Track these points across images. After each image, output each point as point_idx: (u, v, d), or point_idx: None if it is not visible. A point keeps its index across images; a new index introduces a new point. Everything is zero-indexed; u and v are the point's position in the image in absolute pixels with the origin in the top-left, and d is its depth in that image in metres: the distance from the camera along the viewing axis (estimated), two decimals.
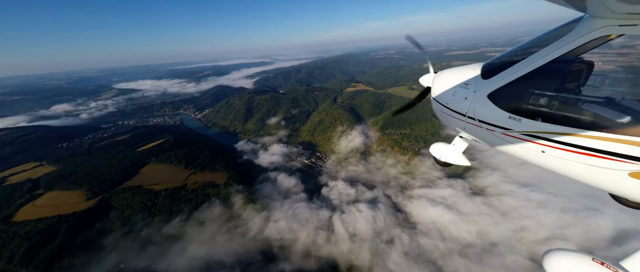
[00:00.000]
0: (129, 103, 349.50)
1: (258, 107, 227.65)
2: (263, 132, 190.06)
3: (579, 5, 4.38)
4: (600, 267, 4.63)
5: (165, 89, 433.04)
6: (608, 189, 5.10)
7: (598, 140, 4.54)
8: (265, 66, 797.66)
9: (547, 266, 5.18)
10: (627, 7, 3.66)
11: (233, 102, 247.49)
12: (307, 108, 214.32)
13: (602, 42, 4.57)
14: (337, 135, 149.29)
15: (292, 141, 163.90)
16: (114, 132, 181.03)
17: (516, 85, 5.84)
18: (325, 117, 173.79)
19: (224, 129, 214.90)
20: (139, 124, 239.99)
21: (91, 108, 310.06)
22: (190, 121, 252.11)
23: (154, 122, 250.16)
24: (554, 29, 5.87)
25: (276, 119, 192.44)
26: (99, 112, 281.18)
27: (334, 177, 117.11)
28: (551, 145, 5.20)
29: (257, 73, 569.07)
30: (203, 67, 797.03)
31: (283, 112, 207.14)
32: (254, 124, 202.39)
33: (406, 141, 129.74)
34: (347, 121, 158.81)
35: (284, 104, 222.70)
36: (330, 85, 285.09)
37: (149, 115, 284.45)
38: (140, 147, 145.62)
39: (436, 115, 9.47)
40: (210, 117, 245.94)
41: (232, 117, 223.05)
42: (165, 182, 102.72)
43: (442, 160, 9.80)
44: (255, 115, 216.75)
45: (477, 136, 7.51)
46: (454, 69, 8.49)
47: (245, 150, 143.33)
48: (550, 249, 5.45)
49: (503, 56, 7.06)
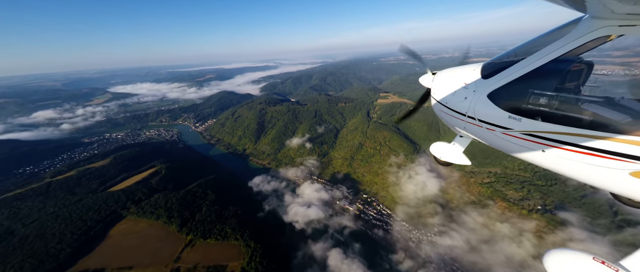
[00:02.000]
0: (121, 110, 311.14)
1: (272, 121, 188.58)
2: (282, 155, 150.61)
3: (579, 5, 4.31)
4: (601, 266, 4.60)
5: (163, 94, 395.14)
6: (609, 189, 5.02)
7: (598, 139, 4.53)
8: (270, 70, 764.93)
9: (548, 265, 5.11)
10: (626, 7, 3.71)
11: (241, 114, 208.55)
12: (333, 124, 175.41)
13: (601, 43, 4.60)
14: (392, 169, 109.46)
15: (325, 173, 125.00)
16: (92, 155, 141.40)
17: (516, 85, 5.81)
18: (364, 140, 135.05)
19: (231, 148, 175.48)
20: (128, 139, 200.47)
21: (77, 116, 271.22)
22: (189, 135, 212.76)
23: (146, 135, 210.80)
24: (554, 30, 5.81)
25: (299, 140, 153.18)
26: (84, 122, 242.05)
27: (416, 256, 74.45)
28: (551, 144, 5.18)
29: (263, 78, 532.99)
30: (205, 71, 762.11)
31: (305, 129, 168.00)
32: (269, 144, 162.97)
33: (511, 190, 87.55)
34: (400, 149, 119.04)
35: (304, 117, 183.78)
36: (353, 94, 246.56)
37: (142, 126, 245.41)
38: (119, 182, 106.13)
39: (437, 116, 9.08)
40: (214, 131, 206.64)
41: (240, 133, 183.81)
42: (143, 264, 62.57)
43: (443, 159, 9.54)
44: (270, 131, 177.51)
45: (477, 135, 7.37)
46: (454, 69, 8.33)
47: (265, 191, 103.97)
48: (551, 249, 5.38)
49: (503, 56, 6.99)
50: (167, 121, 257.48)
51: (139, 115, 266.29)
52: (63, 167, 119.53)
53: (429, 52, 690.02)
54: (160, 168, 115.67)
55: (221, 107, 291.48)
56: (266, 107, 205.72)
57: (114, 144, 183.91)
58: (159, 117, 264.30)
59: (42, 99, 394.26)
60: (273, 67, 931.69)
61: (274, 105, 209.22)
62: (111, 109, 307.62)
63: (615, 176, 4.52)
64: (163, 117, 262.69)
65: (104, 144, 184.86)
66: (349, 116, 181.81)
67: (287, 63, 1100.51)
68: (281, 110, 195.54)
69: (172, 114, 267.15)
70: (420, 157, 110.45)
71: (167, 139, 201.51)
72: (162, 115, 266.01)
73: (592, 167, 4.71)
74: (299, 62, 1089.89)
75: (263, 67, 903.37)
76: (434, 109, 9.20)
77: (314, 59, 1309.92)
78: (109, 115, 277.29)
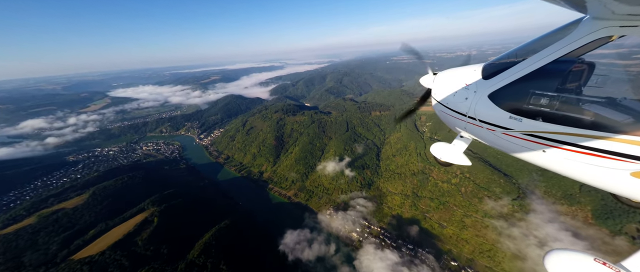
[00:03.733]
0: (118, 117, 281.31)
1: (293, 135, 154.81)
2: (312, 184, 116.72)
3: (580, 6, 4.34)
4: (602, 267, 4.56)
5: (165, 99, 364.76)
6: (610, 189, 4.97)
7: (599, 140, 4.51)
8: (277, 71, 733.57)
9: (549, 266, 5.06)
10: (627, 8, 3.72)
11: (254, 124, 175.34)
12: (370, 139, 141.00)
13: (603, 43, 4.58)
14: (490, 220, 73.99)
15: (378, 216, 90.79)
16: (69, 185, 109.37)
17: (517, 86, 5.78)
18: (427, 168, 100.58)
19: (244, 169, 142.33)
20: (120, 156, 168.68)
21: (68, 126, 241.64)
22: (193, 150, 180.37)
23: (143, 151, 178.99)
24: (555, 30, 5.79)
25: (333, 164, 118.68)
26: (73, 135, 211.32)
27: None
28: (552, 145, 5.15)
29: (272, 79, 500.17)
30: (209, 72, 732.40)
31: (337, 146, 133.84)
32: (292, 167, 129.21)
33: None
34: (495, 186, 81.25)
35: (333, 130, 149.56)
36: (381, 98, 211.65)
37: (140, 138, 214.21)
38: (92, 241, 73.65)
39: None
40: (222, 145, 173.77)
41: (255, 151, 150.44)
42: None
43: (443, 160, 9.28)
44: (292, 148, 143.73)
45: (477, 135, 7.33)
46: (455, 69, 8.28)
47: (306, 261, 69.57)
48: (552, 249, 5.29)
49: (504, 57, 6.93)
50: (168, 131, 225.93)
51: (136, 125, 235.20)
52: (21, 211, 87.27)
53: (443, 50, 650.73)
54: (153, 214, 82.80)
55: (228, 113, 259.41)
56: (284, 116, 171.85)
57: (102, 164, 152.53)
58: (159, 127, 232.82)
59: (37, 105, 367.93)
60: (279, 67, 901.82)
61: (293, 114, 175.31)
62: (107, 116, 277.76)
63: (615, 176, 4.51)
64: (164, 127, 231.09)
65: (91, 164, 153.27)
66: (388, 129, 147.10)
67: (293, 63, 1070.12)
68: (303, 122, 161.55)
69: (173, 123, 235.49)
70: (537, 203, 74.54)
71: (166, 155, 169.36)
72: (163, 125, 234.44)
73: (593, 167, 4.70)
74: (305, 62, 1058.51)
75: (269, 68, 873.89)
76: (435, 110, 9.10)
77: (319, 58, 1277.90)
78: (103, 124, 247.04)
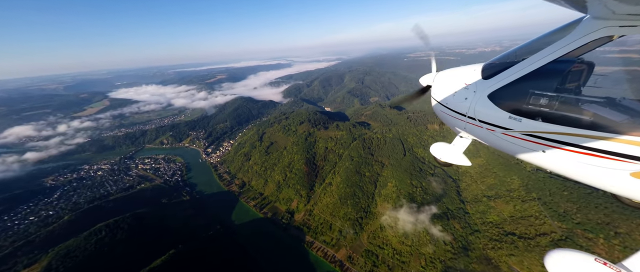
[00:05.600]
0: (115, 123, 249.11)
1: (330, 157, 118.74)
2: (373, 242, 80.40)
3: (580, 6, 4.34)
4: (603, 267, 4.54)
5: (168, 101, 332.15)
6: (610, 189, 4.93)
7: (599, 140, 4.49)
8: (285, 69, 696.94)
9: (550, 266, 5.03)
10: (627, 8, 3.71)
11: (274, 138, 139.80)
12: (438, 166, 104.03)
13: (602, 43, 4.58)
14: None
15: None
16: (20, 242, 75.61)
17: (517, 86, 5.76)
18: (572, 230, 63.84)
19: (267, 204, 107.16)
20: (109, 180, 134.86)
21: (57, 134, 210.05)
22: (199, 171, 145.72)
23: (138, 171, 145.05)
24: (554, 30, 5.79)
25: (402, 209, 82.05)
26: (58, 149, 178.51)
27: None
28: (552, 145, 5.13)
29: (281, 79, 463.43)
30: (215, 70, 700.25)
31: (399, 178, 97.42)
32: (336, 209, 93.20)
33: None
34: None
35: (386, 153, 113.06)
36: (425, 105, 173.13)
37: (137, 150, 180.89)
38: None
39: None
40: (235, 165, 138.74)
41: (279, 178, 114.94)
42: None
43: (443, 160, 9.38)
44: (332, 178, 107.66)
45: (477, 135, 7.31)
46: (454, 69, 8.26)
47: None
48: (553, 249, 5.27)
49: (503, 57, 6.91)
50: (170, 143, 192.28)
51: (134, 134, 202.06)
52: None
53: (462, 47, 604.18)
54: None
55: (239, 120, 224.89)
56: (314, 130, 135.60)
57: (85, 193, 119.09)
58: (159, 137, 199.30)
59: (31, 107, 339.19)
60: (286, 65, 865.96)
61: (324, 126, 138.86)
62: (102, 122, 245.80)
63: (615, 177, 4.47)
64: (165, 137, 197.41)
65: (71, 193, 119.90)
66: None
67: (300, 60, 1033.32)
68: (340, 139, 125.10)
69: (176, 132, 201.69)
70: None
71: (166, 178, 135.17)
72: (164, 134, 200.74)
73: (593, 167, 4.66)
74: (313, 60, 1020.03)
75: (276, 65, 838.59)
76: (435, 110, 9.01)
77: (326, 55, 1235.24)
78: (95, 134, 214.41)
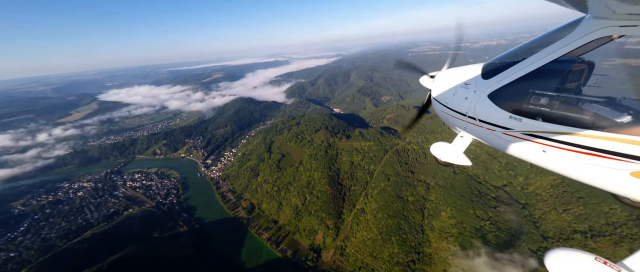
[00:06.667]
0: (103, 129, 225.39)
1: (358, 175, 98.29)
2: None
3: (580, 5, 4.33)
4: (603, 266, 4.55)
5: (162, 103, 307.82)
6: (610, 189, 4.92)
7: (599, 139, 4.49)
8: (284, 66, 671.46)
9: (550, 265, 5.03)
10: (628, 7, 3.71)
11: (286, 150, 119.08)
12: (499, 187, 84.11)
13: (603, 43, 4.56)
14: None
15: None
16: None
17: (517, 85, 5.77)
18: None
19: (285, 237, 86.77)
20: (91, 205, 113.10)
21: (36, 145, 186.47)
22: (198, 189, 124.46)
23: (126, 190, 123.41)
24: (555, 30, 5.77)
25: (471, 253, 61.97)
26: (33, 164, 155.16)
27: None
28: (552, 144, 5.14)
29: (281, 77, 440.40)
30: (211, 69, 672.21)
31: (456, 206, 77.44)
32: (376, 245, 73.08)
33: None
34: None
35: (430, 169, 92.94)
36: None
37: (126, 162, 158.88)
38: None
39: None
40: (240, 182, 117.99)
41: (297, 201, 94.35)
42: None
43: (443, 160, 9.31)
44: (364, 203, 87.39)
45: (477, 135, 7.34)
46: (455, 69, 8.30)
47: None
48: (553, 248, 5.28)
49: (504, 56, 6.92)
50: (164, 153, 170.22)
51: (123, 144, 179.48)
52: None
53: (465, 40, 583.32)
54: None
55: (240, 124, 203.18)
56: (333, 139, 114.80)
57: (59, 223, 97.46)
58: (151, 146, 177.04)
59: (13, 112, 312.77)
60: (284, 62, 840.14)
61: (345, 135, 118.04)
62: (88, 129, 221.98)
63: (615, 176, 4.47)
64: (157, 146, 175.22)
65: (41, 224, 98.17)
66: (517, 165, 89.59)
67: (298, 57, 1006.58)
68: (368, 151, 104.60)
69: (171, 140, 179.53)
70: None
71: (159, 200, 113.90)
72: (157, 143, 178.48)
73: (593, 167, 4.66)
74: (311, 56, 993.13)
75: (274, 63, 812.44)
76: (435, 109, 9.05)
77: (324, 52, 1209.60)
78: (80, 143, 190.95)
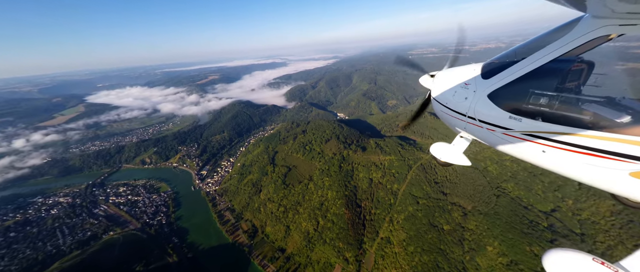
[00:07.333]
0: (88, 135, 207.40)
1: (378, 196, 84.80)
2: None
3: (579, 5, 4.31)
4: (601, 267, 4.54)
5: (154, 106, 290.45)
6: (609, 189, 4.93)
7: (599, 139, 4.49)
8: (281, 68, 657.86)
9: (547, 266, 5.02)
10: (627, 6, 3.69)
11: (292, 162, 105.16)
12: (556, 217, 71.51)
13: (602, 42, 4.57)
14: None
15: None
16: None
17: (517, 85, 5.77)
18: None
19: (292, 271, 72.31)
20: (65, 227, 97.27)
21: (9, 153, 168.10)
22: (192, 207, 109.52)
23: (107, 208, 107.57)
24: (554, 29, 5.74)
25: None
26: (3, 175, 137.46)
27: None
28: (552, 145, 5.13)
29: (280, 79, 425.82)
30: (207, 70, 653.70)
31: (505, 240, 64.35)
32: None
33: None
34: None
35: (467, 192, 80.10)
36: None
37: (110, 173, 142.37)
38: None
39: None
40: (240, 200, 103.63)
41: (309, 225, 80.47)
42: None
43: (443, 160, 9.32)
44: (388, 230, 73.84)
45: (477, 135, 7.31)
46: (454, 69, 8.29)
47: None
48: (551, 249, 5.27)
49: (503, 56, 6.89)
50: (154, 161, 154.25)
51: (108, 151, 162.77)
52: None
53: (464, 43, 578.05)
54: None
55: (238, 129, 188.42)
56: (347, 152, 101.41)
57: (17, 260, 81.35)
58: (140, 154, 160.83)
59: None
60: (281, 63, 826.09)
61: (359, 146, 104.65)
62: (71, 135, 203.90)
63: (615, 176, 4.46)
64: (147, 155, 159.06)
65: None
66: (565, 187, 77.33)
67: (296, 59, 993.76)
68: (390, 167, 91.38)
69: (162, 147, 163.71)
70: None
71: (146, 221, 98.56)
72: (147, 151, 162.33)
73: (592, 167, 4.66)
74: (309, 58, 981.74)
75: (271, 64, 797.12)
76: (435, 109, 9.01)
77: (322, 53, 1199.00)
78: (60, 152, 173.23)
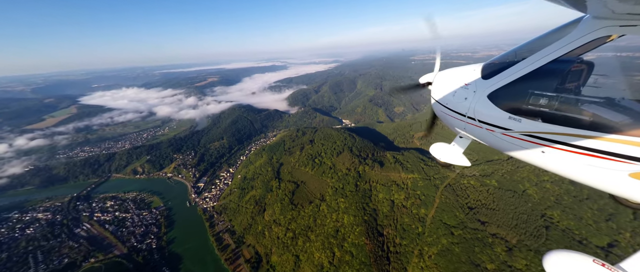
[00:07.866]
0: (77, 139, 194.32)
1: (405, 222, 73.59)
2: None
3: (580, 5, 4.28)
4: (601, 269, 4.51)
5: (150, 109, 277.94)
6: (608, 190, 4.89)
7: (598, 140, 4.48)
8: (281, 71, 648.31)
9: (548, 267, 5.01)
10: (627, 7, 3.68)
11: (300, 177, 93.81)
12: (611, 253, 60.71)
13: (602, 43, 4.56)
14: None
15: None
16: None
17: (516, 86, 5.75)
18: None
19: None
20: (41, 249, 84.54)
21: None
22: (186, 224, 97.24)
23: (86, 229, 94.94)
24: (554, 30, 5.74)
25: None
26: None
27: None
28: (551, 145, 5.13)
29: (280, 82, 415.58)
30: (205, 72, 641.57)
31: None
32: None
33: None
34: None
35: (509, 222, 69.02)
36: None
37: (99, 183, 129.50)
38: None
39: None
40: (241, 219, 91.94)
41: (323, 256, 69.02)
42: None
43: (442, 160, 9.32)
44: (417, 266, 62.41)
45: (477, 136, 7.29)
46: (454, 69, 8.25)
47: None
48: (551, 250, 5.26)
49: (503, 57, 6.88)
50: (146, 171, 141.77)
51: (97, 158, 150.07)
52: None
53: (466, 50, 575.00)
54: None
55: (238, 136, 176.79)
56: (363, 168, 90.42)
57: None
58: (132, 162, 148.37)
59: None
60: (281, 66, 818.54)
61: (376, 161, 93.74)
62: (59, 139, 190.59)
63: (614, 177, 4.44)
64: (139, 163, 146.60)
65: None
66: (620, 218, 66.68)
67: (296, 62, 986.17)
68: (414, 187, 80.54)
69: (156, 155, 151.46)
70: None
71: (133, 244, 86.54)
72: (139, 159, 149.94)
73: (592, 168, 4.64)
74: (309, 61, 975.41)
75: (271, 67, 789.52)
76: (434, 109, 8.99)
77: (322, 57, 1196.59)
78: (44, 158, 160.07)
